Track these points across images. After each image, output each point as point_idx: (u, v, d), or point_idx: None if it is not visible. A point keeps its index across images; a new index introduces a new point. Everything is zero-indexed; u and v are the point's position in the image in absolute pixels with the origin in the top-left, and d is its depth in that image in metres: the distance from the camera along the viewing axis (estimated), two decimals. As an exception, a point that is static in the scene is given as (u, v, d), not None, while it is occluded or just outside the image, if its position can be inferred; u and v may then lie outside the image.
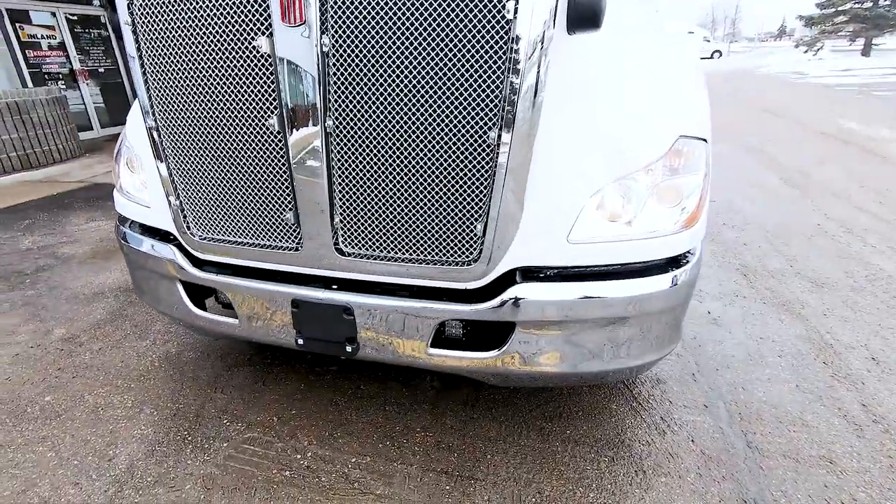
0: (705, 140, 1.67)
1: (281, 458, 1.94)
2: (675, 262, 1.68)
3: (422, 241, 1.58)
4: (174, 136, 1.69)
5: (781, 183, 5.67)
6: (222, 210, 1.74)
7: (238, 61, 1.49)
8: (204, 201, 1.75)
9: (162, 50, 1.57)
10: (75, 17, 10.01)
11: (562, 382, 2.07)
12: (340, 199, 1.58)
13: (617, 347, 1.69)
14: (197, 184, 1.73)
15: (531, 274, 1.63)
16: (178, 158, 1.72)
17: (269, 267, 1.79)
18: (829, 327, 2.78)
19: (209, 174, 1.69)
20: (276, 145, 1.55)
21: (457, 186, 1.47)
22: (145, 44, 1.59)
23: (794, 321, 2.85)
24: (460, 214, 1.51)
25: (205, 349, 2.69)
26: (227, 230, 1.77)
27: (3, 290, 3.54)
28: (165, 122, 1.68)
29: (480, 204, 1.48)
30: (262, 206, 1.67)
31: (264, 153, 1.58)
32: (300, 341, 1.80)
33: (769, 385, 2.31)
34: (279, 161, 1.58)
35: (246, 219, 1.72)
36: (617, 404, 2.21)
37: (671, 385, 2.32)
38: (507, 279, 1.62)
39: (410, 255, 1.61)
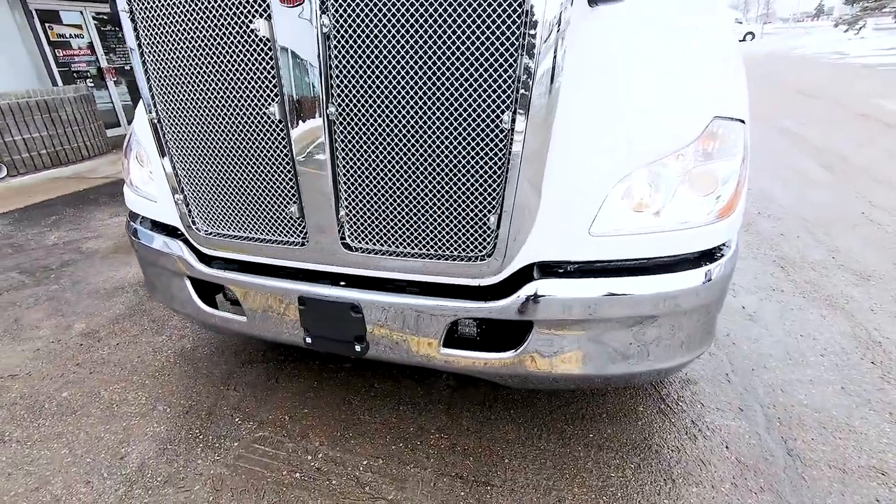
0: (743, 121, 1.51)
1: (291, 458, 1.89)
2: (708, 256, 1.54)
3: (432, 235, 1.48)
4: (175, 128, 1.63)
5: (819, 168, 5.36)
6: (226, 204, 1.67)
7: (237, 47, 1.41)
8: (208, 195, 1.69)
9: (160, 37, 1.51)
10: (103, 17, 10.20)
11: (584, 385, 1.94)
12: (346, 191, 1.49)
13: (644, 348, 1.56)
14: (200, 177, 1.67)
15: (550, 269, 1.52)
16: (181, 151, 1.66)
17: (275, 262, 1.73)
18: (876, 324, 2.57)
19: (212, 166, 1.63)
20: (278, 135, 1.47)
21: (468, 176, 1.37)
22: (143, 31, 1.53)
23: (838, 317, 2.65)
24: (472, 206, 1.40)
25: (219, 345, 2.67)
26: (231, 225, 1.71)
27: (29, 284, 3.60)
28: (166, 113, 1.62)
29: (494, 194, 1.37)
30: (265, 198, 1.60)
31: (266, 143, 1.50)
32: (308, 340, 1.73)
33: (811, 387, 2.15)
34: (282, 151, 1.50)
35: (250, 213, 1.65)
36: (644, 406, 2.08)
37: (703, 386, 2.18)
38: (524, 275, 1.51)
39: (420, 249, 1.51)
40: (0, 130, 6.77)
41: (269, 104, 1.44)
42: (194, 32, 1.44)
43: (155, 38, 1.52)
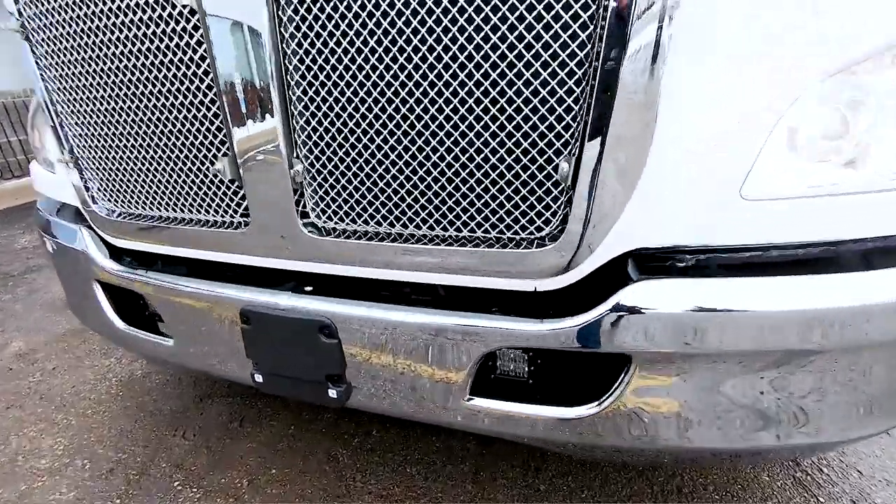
0: None
1: (241, 554, 1.26)
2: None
3: (453, 202, 0.85)
4: (52, 51, 1.05)
5: None
6: (130, 167, 1.08)
7: None
8: (105, 154, 1.10)
9: None
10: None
11: (692, 458, 1.25)
12: (303, 130, 0.88)
13: (800, 407, 0.89)
14: (90, 124, 1.08)
15: (660, 264, 0.87)
16: (63, 90, 1.08)
17: (210, 257, 1.12)
18: None
19: (104, 108, 1.03)
20: (189, 33, 0.87)
21: (515, 88, 0.74)
22: None
23: None
24: (528, 142, 0.77)
25: (177, 372, 2.07)
26: (141, 199, 1.11)
27: (-19, 294, 3.09)
28: (39, 25, 1.04)
29: (568, 124, 0.74)
30: (178, 150, 0.99)
31: (171, 49, 0.90)
32: (257, 377, 1.11)
33: None
34: (196, 64, 0.89)
35: (163, 177, 1.05)
36: (770, 474, 1.39)
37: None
38: (614, 274, 0.87)
39: (432, 229, 0.88)
40: (-6, 131, 6.41)
41: (171, -23, 0.84)
42: None
43: None
